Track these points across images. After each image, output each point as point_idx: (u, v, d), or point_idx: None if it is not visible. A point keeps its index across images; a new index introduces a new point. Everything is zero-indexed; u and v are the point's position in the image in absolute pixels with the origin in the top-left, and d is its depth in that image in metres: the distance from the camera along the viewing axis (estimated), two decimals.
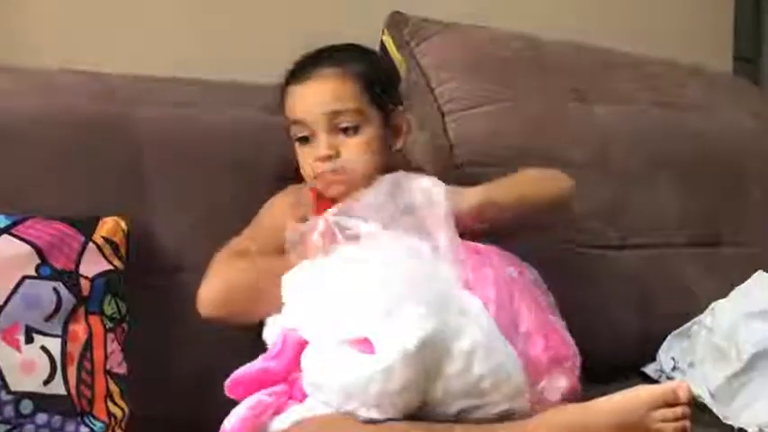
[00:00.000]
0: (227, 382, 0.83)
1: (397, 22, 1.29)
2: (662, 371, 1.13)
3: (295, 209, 0.97)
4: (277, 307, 0.88)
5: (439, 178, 1.14)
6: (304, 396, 0.81)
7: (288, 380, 0.82)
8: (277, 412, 0.80)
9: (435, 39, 1.28)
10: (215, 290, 0.90)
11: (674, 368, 1.11)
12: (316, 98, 0.96)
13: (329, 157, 0.95)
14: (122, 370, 0.88)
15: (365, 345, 0.76)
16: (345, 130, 0.95)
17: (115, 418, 0.85)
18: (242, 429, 0.80)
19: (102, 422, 0.84)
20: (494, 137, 1.24)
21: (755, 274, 1.14)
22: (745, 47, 1.74)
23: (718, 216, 1.33)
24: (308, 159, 0.96)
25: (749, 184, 1.35)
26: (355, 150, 0.95)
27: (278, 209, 0.99)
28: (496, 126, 1.25)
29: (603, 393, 0.81)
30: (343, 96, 0.96)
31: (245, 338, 0.97)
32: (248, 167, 1.05)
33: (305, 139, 0.96)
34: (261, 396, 0.81)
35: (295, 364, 0.81)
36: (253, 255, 0.93)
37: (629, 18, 1.55)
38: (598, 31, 1.45)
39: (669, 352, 1.14)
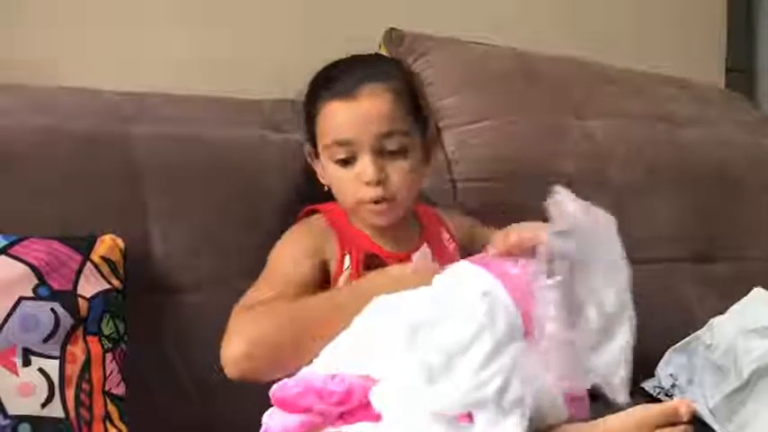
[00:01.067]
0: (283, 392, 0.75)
1: (393, 39, 1.30)
2: (661, 387, 1.13)
3: (317, 249, 0.90)
4: (313, 354, 0.79)
5: (436, 194, 1.16)
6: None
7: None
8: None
9: (432, 55, 1.29)
10: (235, 347, 0.82)
11: (672, 385, 1.11)
12: (366, 117, 0.87)
13: (378, 183, 0.88)
14: (121, 391, 0.87)
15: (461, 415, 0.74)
16: (392, 153, 0.88)
17: None
18: None
19: None
20: (491, 152, 1.24)
21: (753, 291, 1.14)
22: (737, 59, 1.76)
23: (715, 231, 1.33)
24: (351, 183, 0.89)
25: (745, 197, 1.36)
26: (403, 176, 0.89)
27: (295, 251, 0.90)
28: (494, 141, 1.25)
29: (609, 409, 0.81)
30: (395, 116, 0.88)
31: None
32: (248, 186, 1.04)
33: (346, 162, 0.89)
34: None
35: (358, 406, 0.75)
36: (273, 303, 0.85)
37: (623, 32, 1.56)
38: (592, 46, 1.46)
39: (667, 368, 1.14)
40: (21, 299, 0.82)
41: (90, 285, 0.87)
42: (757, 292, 1.14)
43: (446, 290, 0.81)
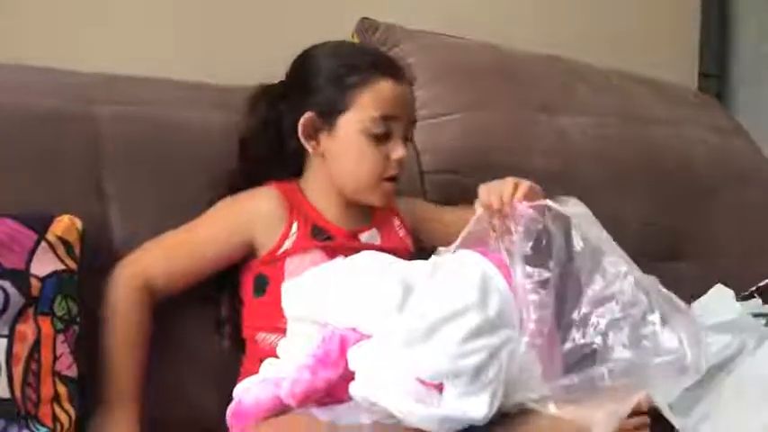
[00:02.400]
0: (291, 394, 0.77)
1: (366, 28, 1.29)
2: None
3: (248, 225, 0.93)
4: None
5: (406, 185, 1.16)
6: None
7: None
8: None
9: (404, 45, 1.28)
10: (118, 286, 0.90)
11: None
12: (407, 100, 0.95)
13: (402, 161, 0.93)
14: (72, 373, 0.85)
15: (433, 384, 0.76)
16: (406, 140, 0.94)
17: (61, 424, 0.83)
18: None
19: (47, 427, 0.81)
20: (460, 145, 1.24)
21: (714, 288, 1.15)
22: (710, 63, 1.77)
23: (681, 229, 1.34)
24: (376, 159, 0.92)
25: (711, 198, 1.37)
26: (406, 162, 0.95)
27: (225, 224, 0.93)
28: (463, 134, 1.25)
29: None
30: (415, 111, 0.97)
31: (199, 343, 0.96)
32: (210, 169, 1.03)
33: (379, 138, 0.92)
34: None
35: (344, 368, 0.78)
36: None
37: (597, 33, 1.57)
38: (566, 45, 1.46)
39: None
40: None
41: (43, 265, 0.85)
42: (717, 289, 1.15)
43: (445, 268, 0.83)
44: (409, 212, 1.03)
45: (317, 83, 0.94)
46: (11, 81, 1.01)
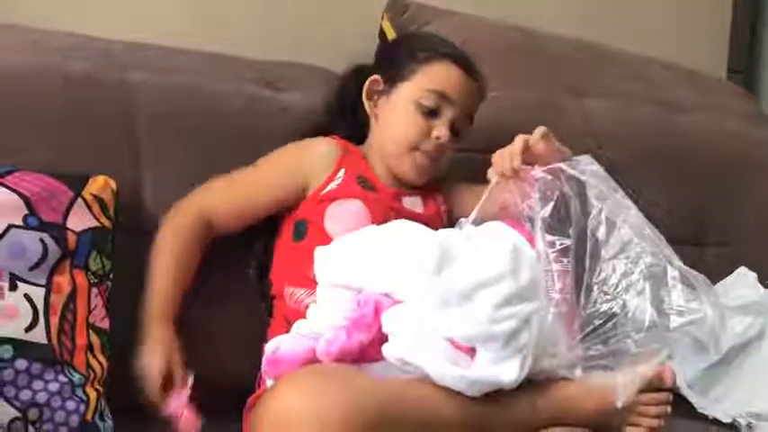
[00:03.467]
0: (326, 353, 0.79)
1: (396, 7, 1.30)
2: None
3: (303, 168, 0.96)
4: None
5: None
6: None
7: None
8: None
9: (433, 25, 1.29)
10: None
11: None
12: (468, 93, 1.00)
13: (442, 144, 0.97)
14: (105, 325, 0.88)
15: (465, 347, 0.77)
16: (455, 132, 0.99)
17: (94, 372, 0.85)
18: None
19: (82, 374, 0.84)
20: (487, 125, 1.24)
21: (737, 270, 1.15)
22: (739, 59, 1.76)
23: (705, 215, 1.34)
24: (419, 129, 0.97)
25: (735, 185, 1.37)
26: (451, 153, 1.00)
27: (281, 166, 0.98)
28: (490, 114, 1.24)
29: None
30: (474, 110, 1.03)
31: (229, 301, 0.98)
32: (241, 138, 1.05)
33: (429, 112, 0.97)
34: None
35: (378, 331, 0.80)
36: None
37: (625, 27, 1.56)
38: (593, 35, 1.46)
39: None
40: (10, 226, 0.83)
41: (80, 220, 0.88)
42: (741, 271, 1.15)
43: (479, 236, 0.85)
44: (454, 195, 1.05)
45: (392, 55, 1.03)
46: (43, 43, 1.03)
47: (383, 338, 0.79)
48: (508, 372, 0.76)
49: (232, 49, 1.18)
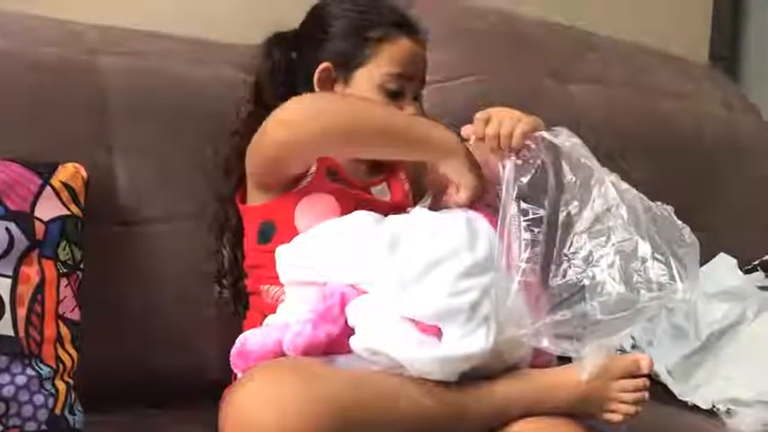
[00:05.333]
0: (293, 346, 0.78)
1: None
2: (621, 349, 1.14)
3: None
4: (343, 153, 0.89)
5: None
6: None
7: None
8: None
9: (416, 8, 1.27)
10: (291, 112, 0.86)
11: (633, 346, 1.12)
12: (423, 60, 0.96)
13: None
14: (75, 316, 0.86)
15: (430, 328, 0.76)
16: (414, 99, 0.95)
17: (63, 364, 0.83)
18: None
19: (50, 367, 0.82)
20: (467, 110, 1.21)
21: (718, 257, 1.15)
22: (721, 46, 1.75)
23: (686, 200, 1.32)
24: None
25: (717, 171, 1.37)
26: None
27: None
28: (473, 98, 1.24)
29: (569, 361, 0.81)
30: (426, 71, 0.97)
31: (201, 295, 0.96)
32: (212, 122, 1.02)
33: (394, 94, 0.93)
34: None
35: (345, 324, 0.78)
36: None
37: (609, 13, 1.55)
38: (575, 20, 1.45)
39: None
40: None
41: (48, 209, 0.86)
42: (721, 258, 1.15)
43: (431, 216, 0.84)
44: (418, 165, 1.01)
45: (334, 32, 0.95)
46: (12, 27, 1.01)
47: (351, 332, 0.78)
48: (475, 342, 0.75)
49: (207, 33, 1.15)
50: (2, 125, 0.93)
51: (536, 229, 0.77)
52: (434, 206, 0.88)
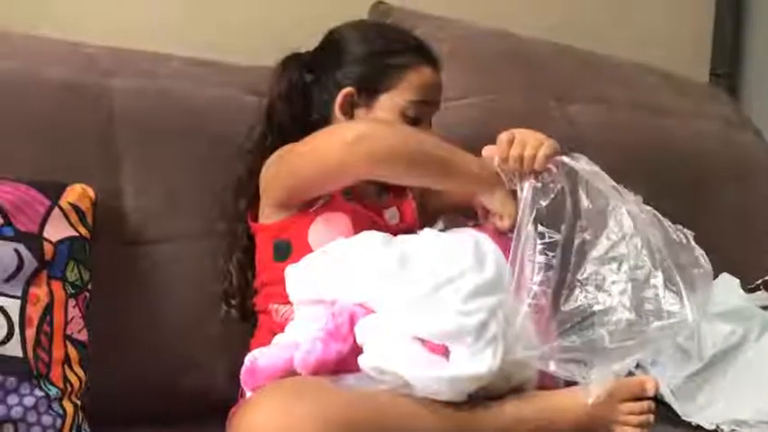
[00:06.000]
0: (304, 364, 0.78)
1: (380, 12, 1.29)
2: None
3: None
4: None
5: None
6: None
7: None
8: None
9: (418, 31, 1.28)
10: (359, 129, 0.87)
11: (637, 366, 1.12)
12: (440, 87, 0.98)
13: None
14: (83, 337, 0.86)
15: (438, 347, 0.77)
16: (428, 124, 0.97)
17: (71, 385, 0.84)
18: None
19: (58, 388, 0.82)
20: (471, 130, 1.24)
21: (720, 277, 1.15)
22: (722, 62, 1.77)
23: (687, 220, 1.34)
24: None
25: (718, 190, 1.37)
26: None
27: None
28: (474, 120, 1.25)
29: (575, 383, 0.81)
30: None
31: (207, 315, 0.97)
32: (221, 144, 1.03)
33: (412, 121, 0.94)
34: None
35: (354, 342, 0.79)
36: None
37: (609, 30, 1.56)
38: (577, 40, 1.47)
39: None
40: None
41: (56, 230, 0.86)
42: (723, 277, 1.15)
43: (439, 237, 0.85)
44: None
45: (356, 58, 0.96)
46: (23, 49, 1.02)
47: (360, 350, 0.78)
48: (483, 363, 0.76)
49: (216, 55, 1.17)
50: (11, 146, 0.94)
51: (550, 253, 0.78)
52: (446, 228, 0.89)
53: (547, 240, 0.78)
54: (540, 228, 0.79)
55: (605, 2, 1.58)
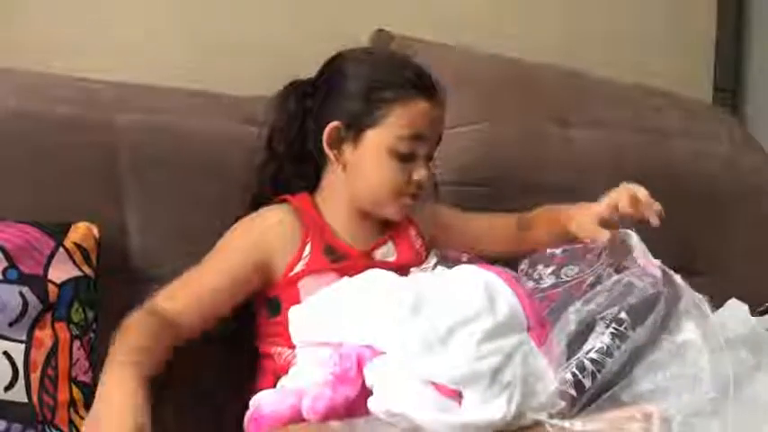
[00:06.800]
0: (313, 410, 0.76)
1: (381, 40, 1.30)
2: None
3: (264, 246, 0.90)
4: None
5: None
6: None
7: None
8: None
9: (418, 58, 1.28)
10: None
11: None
12: (439, 121, 0.93)
13: (423, 182, 0.93)
14: (88, 379, 0.86)
15: (451, 392, 0.76)
16: (428, 160, 0.94)
17: (76, 428, 0.83)
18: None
19: None
20: (473, 157, 1.24)
21: (728, 303, 1.14)
22: (725, 78, 1.77)
23: (694, 244, 1.34)
24: (398, 176, 0.91)
25: (724, 212, 1.37)
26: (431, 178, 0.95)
27: (241, 245, 0.91)
28: (477, 146, 1.25)
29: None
30: (443, 130, 0.96)
31: (213, 350, 0.96)
32: (225, 178, 1.03)
33: (404, 156, 0.91)
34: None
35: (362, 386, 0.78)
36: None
37: (611, 48, 1.57)
38: (579, 59, 1.47)
39: None
40: None
41: (61, 271, 0.87)
42: (733, 303, 1.14)
43: (450, 278, 0.84)
44: (428, 220, 1.01)
45: (347, 91, 0.93)
46: (28, 87, 1.03)
47: (368, 393, 0.77)
48: (497, 409, 0.75)
49: (216, 82, 1.17)
50: (17, 183, 0.95)
51: (617, 342, 0.78)
52: (439, 262, 0.89)
53: (621, 330, 0.78)
54: (623, 314, 0.78)
55: (606, 20, 1.58)
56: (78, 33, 1.18)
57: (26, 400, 0.80)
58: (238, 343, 0.95)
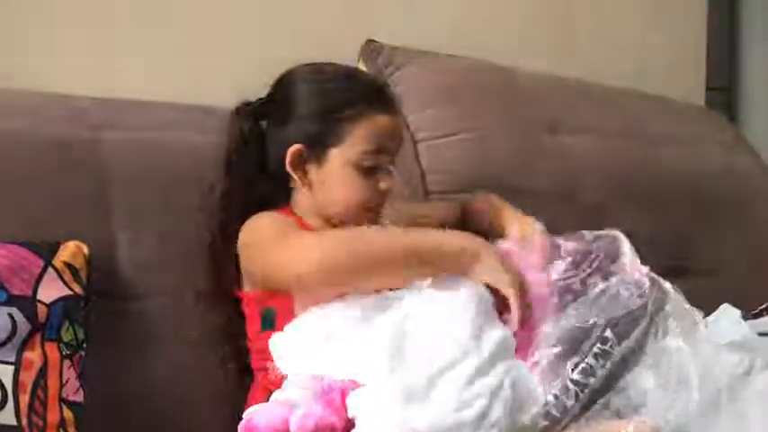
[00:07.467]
0: (302, 427, 0.76)
1: (371, 51, 1.30)
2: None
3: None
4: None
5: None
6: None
7: None
8: None
9: (409, 67, 1.29)
10: (312, 254, 0.83)
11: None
12: (398, 131, 0.95)
13: (390, 190, 0.93)
14: (79, 398, 0.86)
15: None
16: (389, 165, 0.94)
17: None
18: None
19: None
20: (465, 165, 1.24)
21: (721, 307, 1.14)
22: (717, 78, 1.76)
23: (687, 247, 1.33)
24: (365, 189, 0.92)
25: (717, 215, 1.36)
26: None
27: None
28: (468, 155, 1.25)
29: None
30: (403, 138, 0.97)
31: (204, 369, 0.96)
32: (214, 193, 1.03)
33: (369, 170, 0.92)
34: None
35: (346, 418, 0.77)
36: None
37: (602, 49, 1.57)
38: (571, 63, 1.47)
39: None
40: None
41: (50, 291, 0.86)
42: (725, 308, 1.13)
43: (439, 301, 0.81)
44: (398, 219, 1.00)
45: (303, 113, 0.93)
46: (16, 106, 1.03)
47: (351, 425, 0.76)
48: None
49: (207, 100, 1.17)
50: (4, 202, 0.94)
51: (601, 361, 0.77)
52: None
53: (605, 349, 0.77)
54: (609, 333, 0.78)
55: (594, 26, 1.58)
56: (59, 48, 1.18)
57: (15, 423, 0.80)
58: (227, 354, 0.95)
